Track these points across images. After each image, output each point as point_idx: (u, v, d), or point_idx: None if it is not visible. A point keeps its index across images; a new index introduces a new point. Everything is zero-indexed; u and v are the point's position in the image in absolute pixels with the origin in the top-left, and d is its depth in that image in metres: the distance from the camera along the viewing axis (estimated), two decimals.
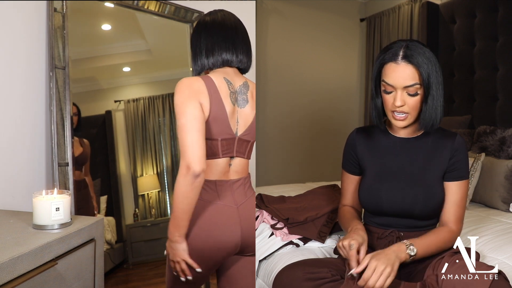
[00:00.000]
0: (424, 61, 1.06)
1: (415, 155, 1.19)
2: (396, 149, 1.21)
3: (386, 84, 1.10)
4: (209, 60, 1.20)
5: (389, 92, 1.10)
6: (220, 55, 1.20)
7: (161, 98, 2.20)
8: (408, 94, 1.08)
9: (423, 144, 1.19)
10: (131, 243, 2.12)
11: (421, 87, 1.08)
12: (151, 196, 2.22)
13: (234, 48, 1.21)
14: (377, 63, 1.12)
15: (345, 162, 1.31)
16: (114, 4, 1.85)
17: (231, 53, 1.21)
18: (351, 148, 1.28)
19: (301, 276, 1.04)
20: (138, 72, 2.20)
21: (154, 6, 1.92)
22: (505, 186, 1.94)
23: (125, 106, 2.13)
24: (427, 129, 1.12)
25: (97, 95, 2.05)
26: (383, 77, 1.11)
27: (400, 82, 1.07)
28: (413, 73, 1.07)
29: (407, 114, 1.11)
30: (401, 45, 1.09)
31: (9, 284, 0.80)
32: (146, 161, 2.21)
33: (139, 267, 2.10)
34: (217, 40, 1.20)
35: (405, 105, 1.09)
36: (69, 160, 1.56)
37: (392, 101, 1.09)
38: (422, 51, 1.07)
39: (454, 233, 1.15)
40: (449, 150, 1.16)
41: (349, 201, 1.32)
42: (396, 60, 1.07)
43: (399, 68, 1.07)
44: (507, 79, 2.43)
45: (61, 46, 1.59)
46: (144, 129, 2.20)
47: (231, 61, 1.22)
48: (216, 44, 1.20)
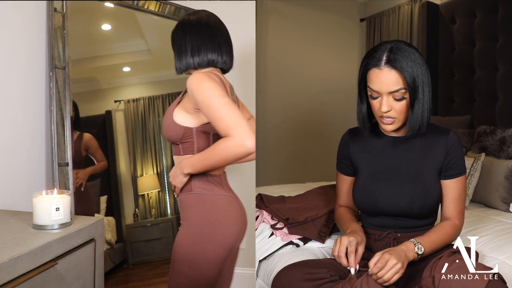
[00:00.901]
0: (409, 64, 1.04)
1: (408, 153, 1.18)
2: (389, 149, 1.20)
3: (372, 90, 1.08)
4: (195, 60, 1.20)
5: (375, 98, 1.09)
6: (206, 55, 1.20)
7: (161, 98, 2.21)
8: (394, 99, 1.07)
9: (416, 143, 1.18)
10: (131, 243, 2.12)
11: (406, 91, 1.06)
12: (151, 196, 2.23)
13: (219, 49, 1.21)
14: (361, 69, 1.11)
15: (339, 163, 1.30)
16: (114, 4, 1.85)
17: (216, 54, 1.21)
18: (344, 149, 1.27)
19: (299, 276, 1.04)
20: (138, 72, 2.21)
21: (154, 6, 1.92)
22: (505, 186, 1.94)
23: (125, 106, 2.13)
24: (414, 133, 1.12)
25: (97, 95, 2.05)
26: (368, 82, 1.09)
27: (384, 88, 1.05)
28: (397, 78, 1.04)
29: (395, 119, 1.10)
30: (385, 48, 1.06)
31: (9, 284, 0.80)
32: (146, 161, 2.21)
33: (139, 267, 2.10)
34: (203, 40, 1.20)
35: (392, 110, 1.08)
36: (69, 160, 1.57)
37: (379, 106, 1.08)
38: (406, 54, 1.05)
39: (457, 226, 1.17)
40: (443, 147, 1.15)
41: (345, 202, 1.32)
42: (379, 65, 1.05)
43: (382, 73, 1.05)
44: (507, 79, 2.43)
45: (61, 46, 1.59)
46: (144, 129, 2.20)
47: (216, 62, 1.22)
48: (202, 44, 1.20)
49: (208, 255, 1.12)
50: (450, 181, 1.17)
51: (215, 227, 1.14)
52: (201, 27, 1.21)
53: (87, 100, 1.92)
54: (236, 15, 2.10)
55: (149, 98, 2.19)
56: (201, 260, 1.13)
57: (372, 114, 1.15)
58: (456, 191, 1.17)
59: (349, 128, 1.29)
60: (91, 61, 1.97)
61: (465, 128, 2.53)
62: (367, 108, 1.15)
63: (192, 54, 1.20)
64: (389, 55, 1.05)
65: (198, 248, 1.12)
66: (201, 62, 1.20)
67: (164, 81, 2.22)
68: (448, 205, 1.18)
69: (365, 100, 1.14)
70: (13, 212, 1.22)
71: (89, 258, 1.10)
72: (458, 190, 1.17)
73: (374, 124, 1.20)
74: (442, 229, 1.14)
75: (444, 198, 1.18)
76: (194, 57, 1.20)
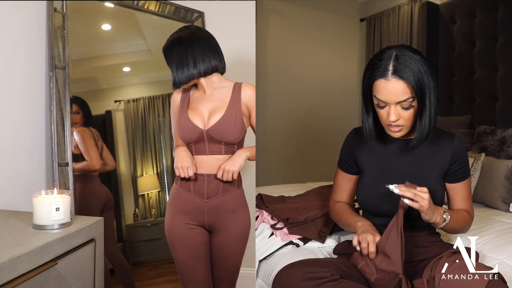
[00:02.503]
0: (415, 72, 1.03)
1: (414, 157, 1.19)
2: (395, 151, 1.21)
3: (379, 100, 1.08)
4: (200, 69, 1.32)
5: (383, 107, 1.09)
6: (210, 63, 1.33)
7: (161, 98, 2.20)
8: (402, 108, 1.07)
9: (422, 146, 1.19)
10: (131, 243, 2.12)
11: (414, 99, 1.06)
12: (151, 196, 2.22)
13: (218, 55, 1.36)
14: (366, 78, 1.09)
15: (342, 161, 1.31)
16: (114, 4, 1.85)
17: (217, 60, 1.35)
18: (349, 148, 1.27)
19: (300, 276, 1.04)
20: (138, 72, 2.20)
21: (154, 6, 1.92)
22: (505, 186, 1.94)
23: (125, 106, 2.13)
24: (423, 139, 1.12)
25: (97, 95, 2.04)
26: (374, 93, 1.09)
27: (392, 99, 1.05)
28: (404, 88, 1.04)
29: (403, 126, 1.10)
30: (389, 55, 1.05)
31: (9, 284, 0.80)
32: (146, 161, 2.20)
33: (139, 267, 2.09)
34: (204, 50, 1.33)
35: (400, 119, 1.08)
36: (69, 160, 1.56)
37: (386, 116, 1.08)
38: (412, 61, 1.04)
39: (472, 218, 1.21)
40: (449, 152, 1.17)
41: (343, 198, 1.33)
42: (386, 76, 1.04)
43: (389, 84, 1.04)
44: (507, 79, 2.43)
45: (61, 46, 1.59)
46: (144, 129, 2.20)
47: (219, 67, 1.37)
48: (204, 53, 1.32)
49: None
50: (458, 184, 1.20)
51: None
52: (198, 38, 1.33)
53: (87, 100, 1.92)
54: (236, 15, 2.10)
55: (149, 98, 2.19)
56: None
57: (378, 120, 1.15)
58: (464, 192, 1.21)
59: (354, 128, 1.29)
60: (91, 61, 1.97)
61: (465, 128, 2.53)
62: (373, 117, 1.15)
63: (195, 65, 1.32)
64: (395, 65, 1.04)
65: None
66: (206, 69, 1.33)
67: (164, 81, 2.22)
68: (457, 205, 1.22)
69: (371, 110, 1.14)
70: (13, 212, 1.22)
71: (89, 258, 1.09)
72: (465, 191, 1.21)
73: (380, 129, 1.20)
74: (461, 213, 1.18)
75: (453, 199, 1.22)
76: (199, 67, 1.32)
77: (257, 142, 1.74)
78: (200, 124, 1.34)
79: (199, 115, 1.36)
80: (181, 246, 1.37)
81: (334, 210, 1.32)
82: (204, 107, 1.37)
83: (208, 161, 1.34)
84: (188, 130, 1.34)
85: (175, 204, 1.39)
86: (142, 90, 2.20)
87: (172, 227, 1.38)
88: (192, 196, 1.35)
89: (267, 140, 3.42)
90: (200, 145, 1.34)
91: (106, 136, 2.07)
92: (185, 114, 1.36)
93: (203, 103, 1.37)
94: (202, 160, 1.34)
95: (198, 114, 1.36)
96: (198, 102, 1.38)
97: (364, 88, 1.11)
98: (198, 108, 1.37)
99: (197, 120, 1.35)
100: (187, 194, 1.36)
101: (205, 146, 1.34)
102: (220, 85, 1.38)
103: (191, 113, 1.36)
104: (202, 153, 1.35)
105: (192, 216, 1.36)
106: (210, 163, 1.34)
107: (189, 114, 1.36)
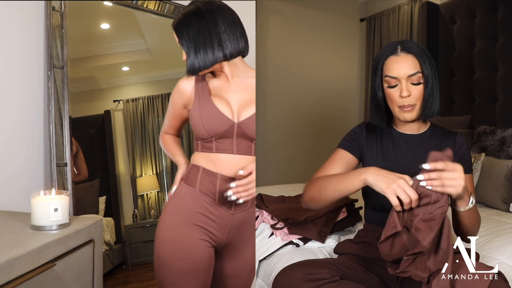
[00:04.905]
0: (420, 51, 1.13)
1: (419, 152, 1.20)
2: (401, 146, 1.22)
3: (390, 78, 1.13)
4: (226, 50, 1.03)
5: (394, 86, 1.13)
6: (238, 43, 1.04)
7: (160, 97, 2.20)
8: (412, 83, 1.12)
9: (427, 141, 1.21)
10: (130, 244, 2.11)
11: (422, 76, 1.12)
12: (150, 196, 2.22)
13: (244, 34, 1.07)
14: (377, 60, 1.16)
15: (346, 142, 1.24)
16: (113, 3, 1.84)
17: (243, 40, 1.06)
18: (358, 137, 1.25)
19: (300, 277, 1.04)
20: (137, 72, 2.20)
21: (154, 5, 1.91)
22: (505, 186, 1.94)
23: (124, 106, 2.12)
24: (428, 116, 1.16)
25: (96, 95, 2.04)
26: (385, 72, 1.14)
27: (403, 72, 1.11)
28: (414, 62, 1.12)
29: (414, 106, 1.14)
30: (396, 42, 1.16)
31: (7, 286, 0.80)
32: (145, 161, 2.20)
33: (138, 268, 2.09)
34: (230, 26, 1.03)
35: (411, 96, 1.12)
36: (67, 160, 1.56)
37: (399, 93, 1.12)
38: (416, 45, 1.14)
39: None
40: (452, 148, 1.17)
41: (333, 171, 1.20)
42: (396, 52, 1.13)
43: (400, 59, 1.12)
44: (507, 79, 2.43)
45: (59, 45, 1.58)
46: (143, 129, 2.19)
47: (245, 50, 1.07)
48: (231, 30, 1.03)
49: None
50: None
51: None
52: (221, 10, 1.04)
53: (85, 99, 1.91)
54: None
55: (148, 97, 2.18)
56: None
57: (386, 111, 1.18)
58: (468, 187, 1.19)
59: (364, 122, 1.30)
60: (90, 60, 1.96)
61: (465, 128, 2.53)
62: (383, 98, 1.17)
63: (221, 45, 1.02)
64: (403, 45, 1.14)
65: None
66: (233, 51, 1.04)
67: (164, 81, 2.22)
68: None
69: (382, 91, 1.17)
70: (11, 213, 1.21)
71: (87, 259, 1.09)
72: (469, 186, 1.19)
73: (387, 123, 1.23)
74: (475, 208, 1.14)
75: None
76: (225, 48, 1.03)
77: (258, 142, 1.73)
78: (229, 115, 1.06)
79: (227, 105, 1.07)
80: (183, 268, 1.04)
81: (317, 183, 1.12)
82: (232, 97, 1.08)
83: (234, 162, 1.07)
84: (215, 120, 1.04)
85: (185, 214, 1.06)
86: (141, 90, 2.20)
87: (176, 243, 1.04)
88: (216, 205, 1.07)
89: (267, 140, 3.41)
90: (226, 141, 1.06)
91: (105, 136, 2.06)
92: (210, 101, 1.06)
93: (228, 93, 1.09)
94: (228, 160, 1.07)
95: (226, 103, 1.07)
96: (221, 92, 1.10)
97: (375, 69, 1.16)
98: (224, 97, 1.09)
99: (225, 110, 1.06)
100: (211, 203, 1.07)
101: (232, 143, 1.07)
102: (246, 74, 1.12)
103: (217, 100, 1.07)
104: (227, 151, 1.07)
105: (209, 233, 1.07)
106: (236, 164, 1.07)
107: (215, 101, 1.06)
